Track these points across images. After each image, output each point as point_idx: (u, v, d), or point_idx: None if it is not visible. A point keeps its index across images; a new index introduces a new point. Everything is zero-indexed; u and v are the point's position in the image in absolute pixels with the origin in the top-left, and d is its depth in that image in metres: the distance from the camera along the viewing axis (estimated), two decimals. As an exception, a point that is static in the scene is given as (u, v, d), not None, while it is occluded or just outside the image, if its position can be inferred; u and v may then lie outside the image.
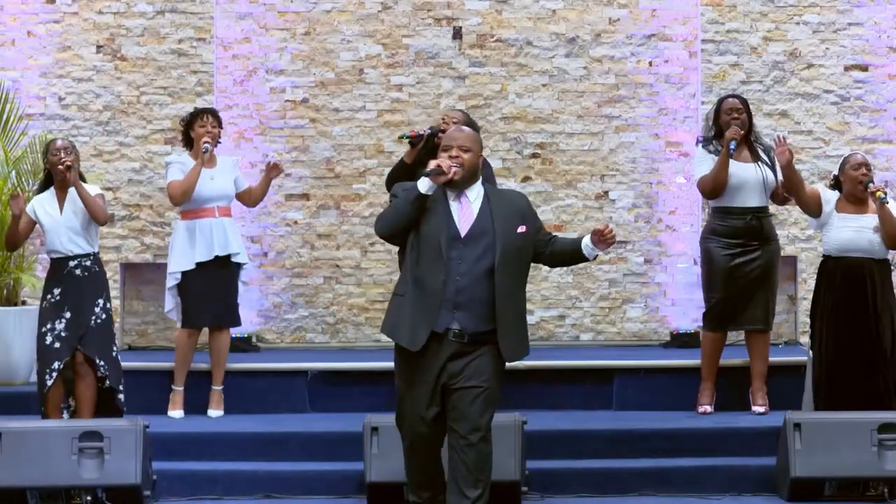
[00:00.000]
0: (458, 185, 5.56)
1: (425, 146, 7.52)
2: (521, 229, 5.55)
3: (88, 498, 6.54)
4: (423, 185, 5.49)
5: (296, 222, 9.41)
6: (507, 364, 5.66)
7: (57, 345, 7.18)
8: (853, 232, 7.21)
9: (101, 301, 7.31)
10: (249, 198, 7.96)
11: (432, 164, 5.51)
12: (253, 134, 9.35)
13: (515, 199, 5.70)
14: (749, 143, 7.63)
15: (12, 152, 8.63)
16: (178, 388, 7.74)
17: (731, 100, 7.73)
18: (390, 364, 7.98)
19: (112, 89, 9.31)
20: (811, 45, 9.41)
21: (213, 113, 7.83)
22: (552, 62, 9.41)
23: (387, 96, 9.40)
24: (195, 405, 7.74)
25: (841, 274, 7.22)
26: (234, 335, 9.08)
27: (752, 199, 7.58)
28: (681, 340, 9.10)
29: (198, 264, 7.66)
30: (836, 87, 9.41)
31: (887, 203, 7.12)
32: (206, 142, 7.62)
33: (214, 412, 7.75)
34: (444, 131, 7.37)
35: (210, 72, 9.32)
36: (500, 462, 6.09)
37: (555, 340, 9.34)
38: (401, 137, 7.98)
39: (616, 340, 9.42)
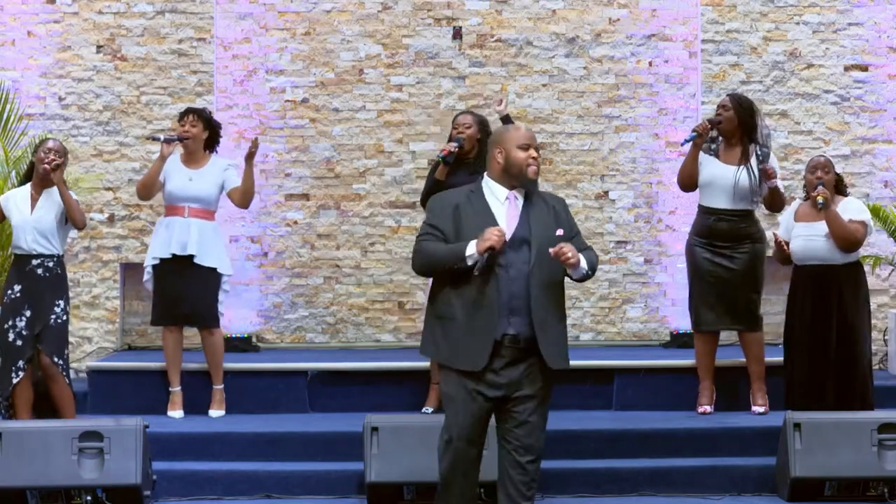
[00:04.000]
0: (519, 185, 5.36)
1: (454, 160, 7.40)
2: (559, 232, 5.32)
3: (88, 498, 6.53)
4: (471, 260, 5.21)
5: (296, 222, 9.40)
6: None
7: (19, 342, 7.25)
8: (805, 241, 7.21)
9: (61, 302, 7.34)
10: (237, 195, 7.75)
11: (489, 236, 5.17)
12: (253, 134, 9.33)
13: (551, 200, 5.45)
14: (744, 144, 7.57)
15: (12, 152, 8.62)
16: (175, 389, 7.74)
17: (723, 97, 7.75)
18: (390, 364, 8.09)
19: (112, 89, 9.31)
20: (811, 45, 9.41)
21: (197, 112, 7.80)
22: (552, 62, 9.41)
23: (387, 96, 9.40)
24: (195, 405, 7.74)
25: (803, 281, 7.27)
26: (233, 335, 9.11)
27: (719, 201, 7.55)
28: (681, 340, 9.09)
29: (166, 262, 7.62)
30: (836, 87, 9.41)
31: (824, 208, 7.06)
32: (169, 133, 7.62)
33: (216, 412, 7.75)
34: (462, 142, 7.34)
35: (210, 72, 9.32)
36: (500, 462, 6.08)
37: (555, 340, 9.34)
38: (439, 160, 7.42)
39: (616, 340, 9.42)
